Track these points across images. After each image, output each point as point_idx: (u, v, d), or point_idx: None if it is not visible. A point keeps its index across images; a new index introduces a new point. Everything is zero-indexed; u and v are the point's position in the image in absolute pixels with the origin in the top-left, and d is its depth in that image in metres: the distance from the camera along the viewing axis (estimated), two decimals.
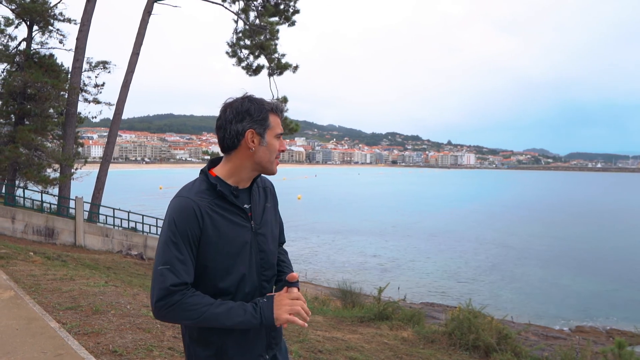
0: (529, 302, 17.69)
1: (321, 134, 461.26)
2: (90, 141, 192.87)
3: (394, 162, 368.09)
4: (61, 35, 20.16)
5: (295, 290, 1.60)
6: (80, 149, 23.36)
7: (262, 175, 1.74)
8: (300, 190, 69.56)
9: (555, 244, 29.62)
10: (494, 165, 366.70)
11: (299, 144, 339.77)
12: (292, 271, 1.74)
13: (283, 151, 1.66)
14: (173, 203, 1.56)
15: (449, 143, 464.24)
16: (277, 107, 1.65)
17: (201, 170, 1.67)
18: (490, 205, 56.02)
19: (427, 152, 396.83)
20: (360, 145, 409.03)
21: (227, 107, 1.61)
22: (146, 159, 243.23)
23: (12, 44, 19.71)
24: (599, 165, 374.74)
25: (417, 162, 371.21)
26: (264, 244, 1.64)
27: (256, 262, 1.61)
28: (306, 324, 1.59)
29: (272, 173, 1.68)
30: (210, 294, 1.52)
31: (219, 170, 1.64)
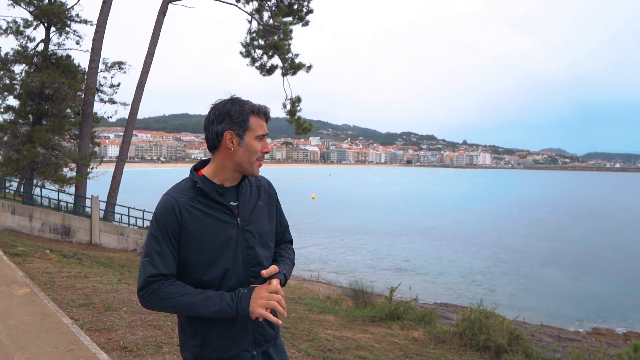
0: (543, 302, 17.48)
1: (336, 134, 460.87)
2: (107, 141, 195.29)
3: (409, 162, 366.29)
4: (78, 36, 20.51)
5: (274, 282, 1.62)
6: (96, 149, 23.71)
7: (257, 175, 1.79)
8: (315, 189, 69.67)
9: (571, 244, 29.25)
10: (510, 165, 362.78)
11: (313, 144, 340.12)
12: (288, 265, 1.78)
13: (266, 153, 1.69)
14: (159, 201, 1.67)
15: (464, 143, 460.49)
16: (260, 109, 1.68)
17: (190, 168, 1.75)
18: (505, 205, 55.45)
19: (442, 152, 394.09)
20: (374, 144, 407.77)
21: (212, 109, 1.70)
22: (162, 159, 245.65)
23: (31, 45, 20.11)
24: (617, 165, 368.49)
25: (432, 161, 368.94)
26: (251, 241, 1.68)
27: (243, 258, 1.65)
28: (280, 322, 1.64)
29: (253, 174, 1.71)
30: (194, 286, 1.59)
31: (206, 169, 1.72)
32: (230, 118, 1.64)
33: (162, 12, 18.74)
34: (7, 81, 19.61)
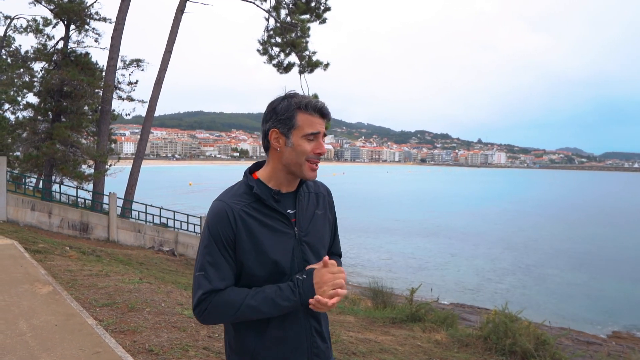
0: (561, 304, 17.18)
1: (350, 132, 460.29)
2: (123, 138, 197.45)
3: (423, 161, 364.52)
4: (97, 34, 20.64)
5: (334, 262, 1.49)
6: (113, 146, 23.85)
7: (316, 180, 1.65)
8: (329, 187, 69.47)
9: (588, 246, 28.73)
10: (526, 165, 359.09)
11: (327, 142, 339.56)
12: None
13: (319, 154, 1.51)
14: (210, 207, 1.52)
15: (479, 142, 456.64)
16: (310, 104, 1.50)
17: (245, 171, 1.60)
18: (521, 205, 54.82)
19: (456, 151, 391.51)
20: (388, 143, 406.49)
21: (267, 106, 1.56)
22: (176, 156, 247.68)
23: (50, 43, 20.29)
24: (636, 165, 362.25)
25: (446, 160, 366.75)
26: (307, 253, 1.53)
27: (299, 271, 1.50)
28: (345, 291, 1.48)
29: (304, 178, 1.53)
30: None
31: (261, 172, 1.58)
32: (276, 115, 1.50)
33: (180, 10, 18.74)
34: (27, 79, 19.82)
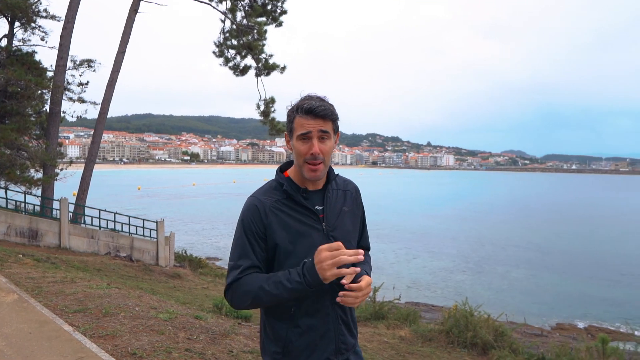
0: (507, 299, 17.99)
1: None
2: (67, 141, 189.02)
3: (374, 163, 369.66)
4: (43, 32, 19.73)
5: (367, 279, 1.54)
6: (59, 149, 22.85)
7: (344, 177, 1.76)
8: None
9: (529, 243, 30.17)
10: (473, 167, 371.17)
11: (279, 145, 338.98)
12: (367, 267, 1.73)
13: (313, 154, 1.54)
14: (245, 202, 1.63)
15: (429, 144, 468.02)
16: (301, 107, 1.55)
17: (276, 169, 1.71)
18: (471, 206, 56.77)
19: (407, 153, 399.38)
20: (340, 146, 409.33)
21: None
22: (124, 159, 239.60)
23: None
24: (574, 167, 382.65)
25: (397, 163, 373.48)
26: None
27: None
28: (358, 269, 1.52)
29: (307, 178, 1.59)
30: None
31: (290, 170, 1.68)
32: (287, 119, 1.61)
33: (134, 10, 18.28)
34: None
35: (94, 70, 20.21)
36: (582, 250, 28.09)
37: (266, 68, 20.68)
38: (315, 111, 1.52)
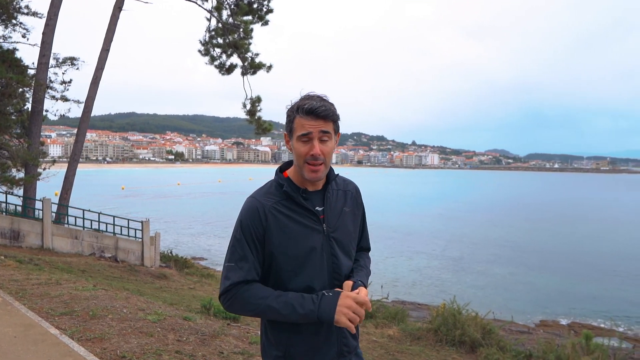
0: (492, 297, 18.20)
1: None
2: (49, 140, 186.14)
3: (360, 162, 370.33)
4: (24, 29, 19.36)
5: (364, 292, 1.53)
6: (41, 148, 22.47)
7: (345, 177, 1.74)
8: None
9: (514, 243, 30.52)
10: (457, 166, 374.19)
11: (264, 144, 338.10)
12: (364, 273, 1.69)
13: (313, 155, 1.51)
14: (244, 203, 1.59)
15: (414, 143, 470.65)
16: (301, 107, 1.52)
17: (276, 170, 1.67)
18: (455, 205, 57.24)
19: (392, 153, 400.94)
20: None
21: None
22: (108, 159, 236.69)
23: None
24: (556, 166, 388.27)
25: (382, 162, 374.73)
26: (336, 249, 1.60)
27: (328, 267, 1.58)
28: (351, 282, 1.56)
29: (307, 179, 1.56)
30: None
31: (290, 171, 1.65)
32: (286, 119, 1.59)
33: (118, 7, 18.04)
34: None
35: (77, 68, 19.90)
36: (564, 248, 28.53)
37: (252, 67, 20.60)
38: (317, 112, 1.50)
